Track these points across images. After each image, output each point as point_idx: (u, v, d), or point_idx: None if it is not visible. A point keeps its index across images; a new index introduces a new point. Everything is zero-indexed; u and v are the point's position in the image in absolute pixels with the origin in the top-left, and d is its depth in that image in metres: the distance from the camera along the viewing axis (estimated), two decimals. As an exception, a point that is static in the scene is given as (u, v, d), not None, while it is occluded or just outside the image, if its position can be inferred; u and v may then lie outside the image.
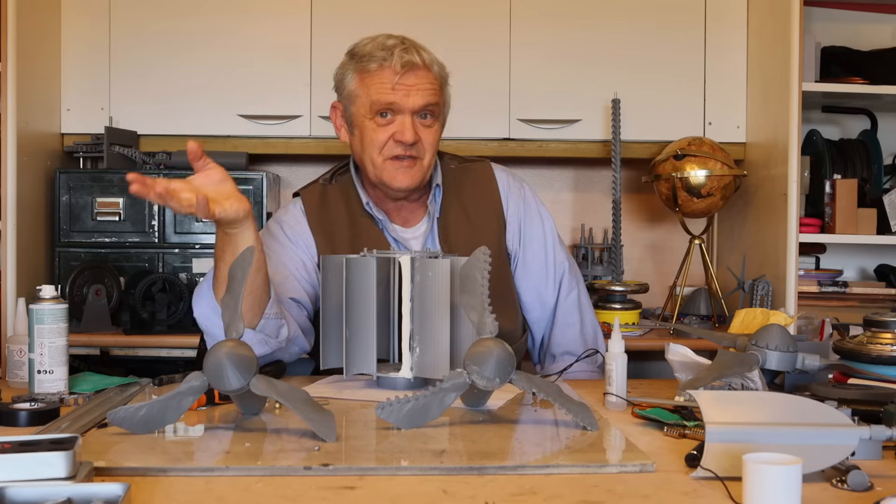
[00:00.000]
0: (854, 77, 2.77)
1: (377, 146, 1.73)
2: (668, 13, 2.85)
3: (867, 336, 1.48)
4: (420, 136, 1.73)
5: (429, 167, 1.77)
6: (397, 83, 1.70)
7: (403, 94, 1.70)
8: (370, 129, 1.73)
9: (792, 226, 2.53)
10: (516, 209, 1.90)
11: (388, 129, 1.72)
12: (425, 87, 1.72)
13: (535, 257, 1.90)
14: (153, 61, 2.77)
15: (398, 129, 1.71)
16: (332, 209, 1.83)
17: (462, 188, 1.88)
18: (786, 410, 1.12)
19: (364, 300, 1.56)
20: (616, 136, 2.80)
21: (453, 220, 1.84)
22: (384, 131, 1.72)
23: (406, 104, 1.71)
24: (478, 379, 1.30)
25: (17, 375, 1.61)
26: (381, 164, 1.74)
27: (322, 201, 1.84)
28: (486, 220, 1.87)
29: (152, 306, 2.54)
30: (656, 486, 1.06)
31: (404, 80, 1.70)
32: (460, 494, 1.02)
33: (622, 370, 1.48)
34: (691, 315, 2.77)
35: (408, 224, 1.85)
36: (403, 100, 1.71)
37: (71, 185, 2.64)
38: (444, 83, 1.79)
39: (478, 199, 1.88)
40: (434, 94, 1.73)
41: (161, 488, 1.04)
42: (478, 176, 1.90)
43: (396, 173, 1.73)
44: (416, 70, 1.71)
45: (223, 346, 1.26)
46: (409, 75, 1.71)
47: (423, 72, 1.73)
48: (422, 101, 1.71)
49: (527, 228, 1.90)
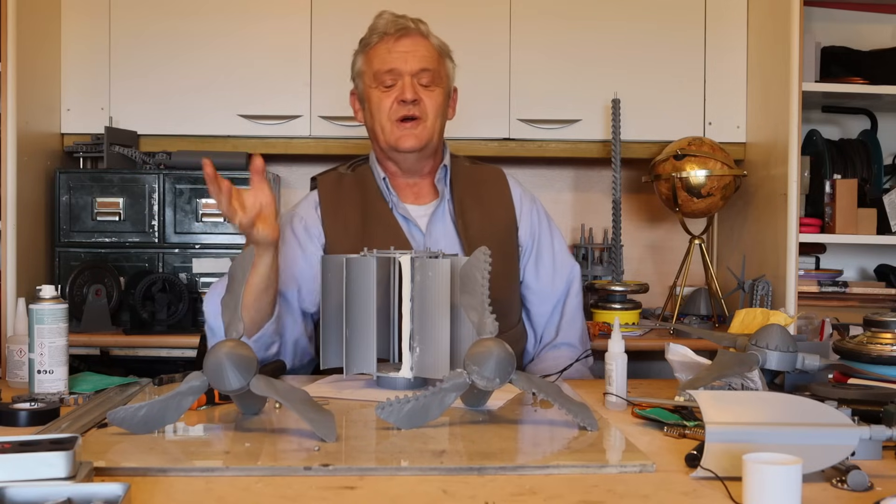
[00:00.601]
0: (854, 77, 2.77)
1: (384, 111, 1.86)
2: (668, 13, 2.85)
3: (867, 336, 1.48)
4: (420, 97, 1.85)
5: (433, 129, 1.88)
6: (393, 48, 1.85)
7: (401, 59, 1.84)
8: (376, 97, 1.87)
9: (792, 226, 2.53)
10: (529, 209, 1.99)
11: (391, 92, 1.85)
12: (421, 53, 1.85)
13: (547, 255, 1.99)
14: (153, 61, 2.77)
15: (399, 91, 1.84)
16: (345, 193, 1.93)
17: (475, 178, 1.98)
18: (786, 410, 1.12)
19: (364, 300, 1.56)
20: (616, 136, 2.80)
21: (468, 202, 1.94)
22: (388, 96, 1.85)
23: (404, 67, 1.84)
24: (478, 379, 1.30)
25: (17, 375, 1.61)
26: (390, 128, 1.86)
27: (336, 186, 1.94)
28: (499, 208, 1.96)
29: (152, 306, 2.54)
30: (656, 486, 1.06)
31: (400, 46, 1.85)
32: (460, 494, 1.02)
33: (622, 370, 1.48)
34: (691, 315, 2.77)
35: (419, 201, 1.94)
36: (401, 64, 1.84)
37: (71, 185, 2.64)
38: (444, 55, 1.92)
39: (490, 189, 1.98)
40: (430, 59, 1.86)
41: (161, 488, 1.04)
42: (489, 173, 2.02)
43: (402, 134, 1.85)
44: (411, 35, 1.86)
45: (223, 346, 1.26)
46: (405, 40, 1.85)
47: (419, 38, 1.87)
48: (418, 65, 1.84)
49: (542, 231, 2.00)
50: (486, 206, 1.94)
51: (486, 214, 1.93)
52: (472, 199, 1.94)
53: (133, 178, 2.65)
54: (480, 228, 1.90)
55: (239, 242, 2.65)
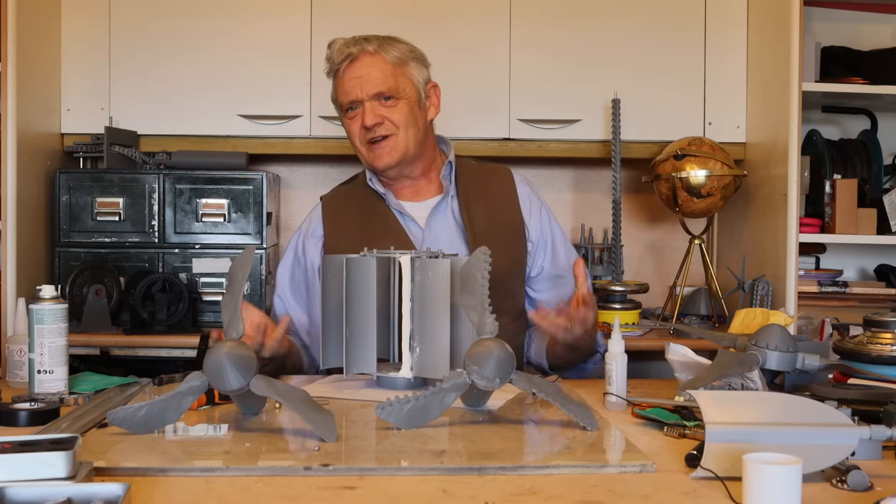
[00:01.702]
0: (854, 77, 2.77)
1: (355, 136, 1.92)
2: (668, 13, 2.85)
3: (867, 336, 1.48)
4: (384, 116, 1.88)
5: (407, 141, 1.89)
6: (347, 76, 1.88)
7: (356, 87, 1.87)
8: (346, 124, 1.93)
9: (792, 226, 2.53)
10: (538, 208, 2.00)
11: (357, 120, 1.90)
12: (373, 76, 1.87)
13: (564, 247, 2.02)
14: (153, 61, 2.77)
15: (360, 118, 1.89)
16: (347, 198, 2.00)
17: (481, 176, 2.00)
18: (786, 410, 1.12)
19: (364, 300, 1.56)
20: (616, 136, 2.80)
21: (474, 197, 1.95)
22: (355, 122, 1.90)
23: (361, 95, 1.87)
24: (478, 379, 1.30)
25: (17, 375, 1.61)
26: (364, 150, 1.91)
27: (340, 195, 2.02)
28: (506, 206, 1.98)
29: (152, 306, 2.54)
30: (656, 486, 1.06)
31: (352, 72, 1.88)
32: (460, 494, 1.02)
33: (622, 370, 1.48)
34: (691, 315, 2.77)
35: (417, 198, 1.97)
36: (358, 92, 1.87)
37: (71, 185, 2.64)
38: (404, 64, 1.91)
39: (497, 188, 1.99)
40: (384, 79, 1.87)
41: (161, 488, 1.04)
42: (496, 171, 2.03)
43: (374, 155, 1.90)
44: (361, 58, 1.88)
45: (223, 346, 1.26)
46: (356, 66, 1.88)
47: (369, 59, 1.88)
48: (373, 89, 1.87)
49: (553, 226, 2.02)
50: (492, 203, 1.96)
51: (492, 210, 1.95)
52: (478, 194, 1.96)
53: (133, 178, 2.65)
54: (487, 222, 1.92)
55: (239, 242, 2.65)
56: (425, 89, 1.94)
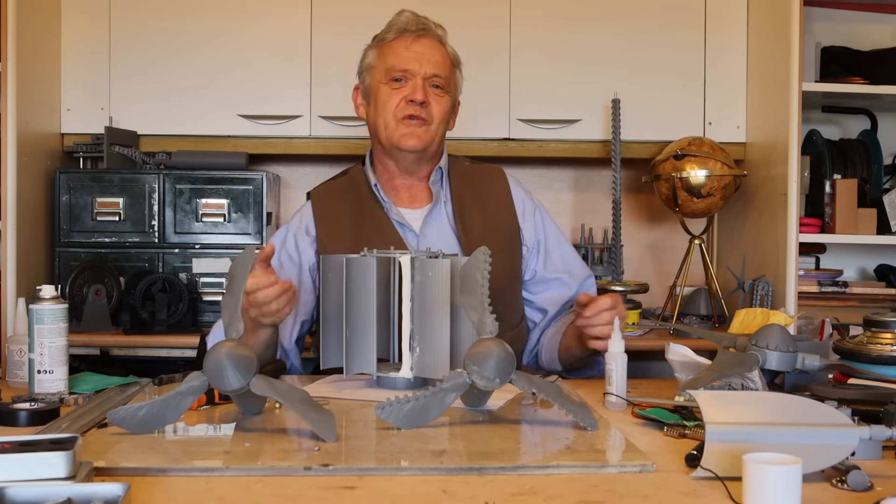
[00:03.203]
0: (854, 77, 2.77)
1: (391, 108, 1.84)
2: (668, 13, 2.85)
3: (867, 336, 1.48)
4: (429, 100, 1.84)
5: (435, 133, 1.87)
6: (411, 46, 1.84)
7: (416, 61, 1.83)
8: (384, 93, 1.85)
9: (792, 226, 2.53)
10: (532, 209, 1.97)
11: (401, 91, 1.84)
12: (436, 58, 1.85)
13: (560, 247, 1.98)
14: (153, 61, 2.77)
15: (410, 91, 1.83)
16: (339, 197, 1.93)
17: (475, 178, 1.97)
18: (786, 410, 1.12)
19: (364, 300, 1.56)
20: (616, 136, 2.80)
21: (468, 202, 1.92)
22: (397, 94, 1.84)
23: (418, 70, 1.83)
24: (478, 379, 1.30)
25: (17, 375, 1.61)
26: (394, 125, 1.84)
27: (329, 193, 1.94)
28: (499, 208, 1.95)
29: (152, 306, 2.54)
30: (656, 486, 1.06)
31: (417, 46, 1.84)
32: (460, 494, 1.02)
33: (622, 370, 1.48)
34: (691, 315, 2.77)
35: (413, 204, 1.92)
36: (416, 66, 1.83)
37: (71, 185, 2.64)
38: (456, 65, 1.92)
39: (490, 190, 1.97)
40: (444, 66, 1.86)
41: (161, 488, 1.04)
42: (489, 172, 2.00)
43: (406, 132, 1.84)
44: (430, 37, 1.86)
45: (223, 346, 1.26)
46: (423, 41, 1.85)
47: (436, 42, 1.87)
48: (432, 69, 1.84)
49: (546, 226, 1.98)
50: (486, 207, 1.93)
51: (486, 215, 1.91)
52: (472, 199, 1.92)
53: (133, 178, 2.65)
54: (482, 228, 1.88)
55: (239, 242, 2.65)
56: (457, 98, 1.94)
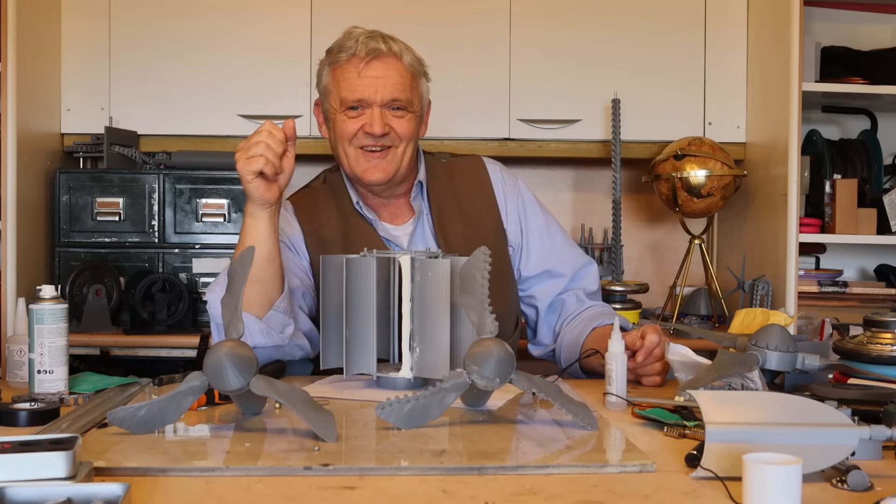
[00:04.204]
0: (854, 77, 2.77)
1: (347, 137, 1.75)
2: (668, 13, 2.85)
3: (867, 336, 1.48)
4: (391, 126, 1.74)
5: (403, 157, 1.77)
6: (363, 72, 1.72)
7: (370, 88, 1.72)
8: (341, 121, 1.76)
9: (792, 226, 2.53)
10: (515, 203, 1.90)
11: (359, 120, 1.74)
12: (393, 80, 1.73)
13: (542, 243, 1.91)
14: (153, 61, 2.77)
15: (367, 121, 1.73)
16: (322, 210, 1.84)
17: (454, 182, 1.89)
18: (786, 410, 1.12)
19: (364, 300, 1.56)
20: (616, 136, 2.80)
21: (448, 214, 1.85)
22: (354, 122, 1.75)
23: (374, 98, 1.72)
24: (478, 379, 1.30)
25: (17, 375, 1.61)
26: (354, 155, 1.76)
27: (312, 204, 1.86)
28: (481, 212, 1.88)
29: (152, 306, 2.54)
30: (656, 486, 1.06)
31: (370, 71, 1.72)
32: (460, 494, 1.02)
33: (622, 370, 1.48)
34: (691, 315, 2.77)
35: (396, 221, 1.86)
36: (371, 94, 1.72)
37: (71, 185, 2.64)
38: (418, 76, 1.80)
39: (471, 192, 1.89)
40: (403, 87, 1.74)
41: (161, 488, 1.04)
42: (469, 170, 1.92)
43: (368, 166, 1.75)
44: (383, 58, 1.73)
45: (223, 346, 1.26)
46: (376, 64, 1.72)
47: (391, 60, 1.74)
48: (389, 95, 1.73)
49: (529, 220, 1.91)
50: (467, 215, 1.85)
51: (468, 225, 1.84)
52: (452, 207, 1.85)
53: (133, 178, 2.65)
54: (464, 241, 1.79)
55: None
56: (425, 106, 1.84)
